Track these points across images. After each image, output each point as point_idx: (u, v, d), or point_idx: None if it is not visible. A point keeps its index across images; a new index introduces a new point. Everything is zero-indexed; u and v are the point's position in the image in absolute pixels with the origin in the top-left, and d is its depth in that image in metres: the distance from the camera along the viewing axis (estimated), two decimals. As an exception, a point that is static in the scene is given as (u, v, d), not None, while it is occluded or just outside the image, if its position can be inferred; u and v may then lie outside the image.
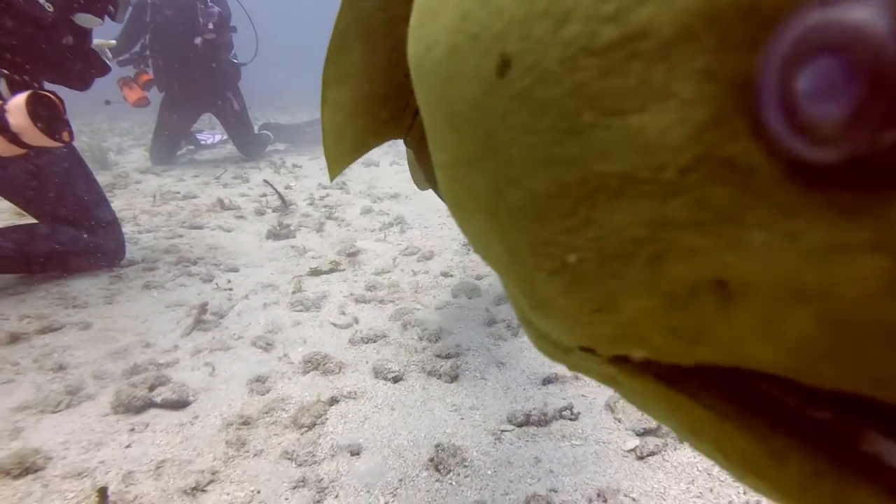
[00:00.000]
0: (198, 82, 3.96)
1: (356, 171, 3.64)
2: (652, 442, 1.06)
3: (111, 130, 5.63)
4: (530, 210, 0.23)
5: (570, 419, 1.16)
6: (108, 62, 1.89)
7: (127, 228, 2.06)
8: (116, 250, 1.93)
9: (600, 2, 0.18)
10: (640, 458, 1.04)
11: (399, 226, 2.48)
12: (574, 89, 0.19)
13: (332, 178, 0.74)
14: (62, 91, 1.63)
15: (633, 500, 0.94)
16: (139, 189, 3.17)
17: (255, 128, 4.38)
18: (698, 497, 0.95)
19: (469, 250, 2.13)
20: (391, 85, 0.60)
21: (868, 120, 0.13)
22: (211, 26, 3.82)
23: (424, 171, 0.73)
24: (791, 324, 0.16)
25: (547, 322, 0.27)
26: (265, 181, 3.17)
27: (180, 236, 2.33)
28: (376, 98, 0.61)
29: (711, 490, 0.96)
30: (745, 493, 0.94)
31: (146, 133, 5.02)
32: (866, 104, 0.12)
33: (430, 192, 0.70)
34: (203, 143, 4.54)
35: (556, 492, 0.95)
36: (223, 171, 3.64)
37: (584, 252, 0.21)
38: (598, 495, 0.94)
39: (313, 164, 4.03)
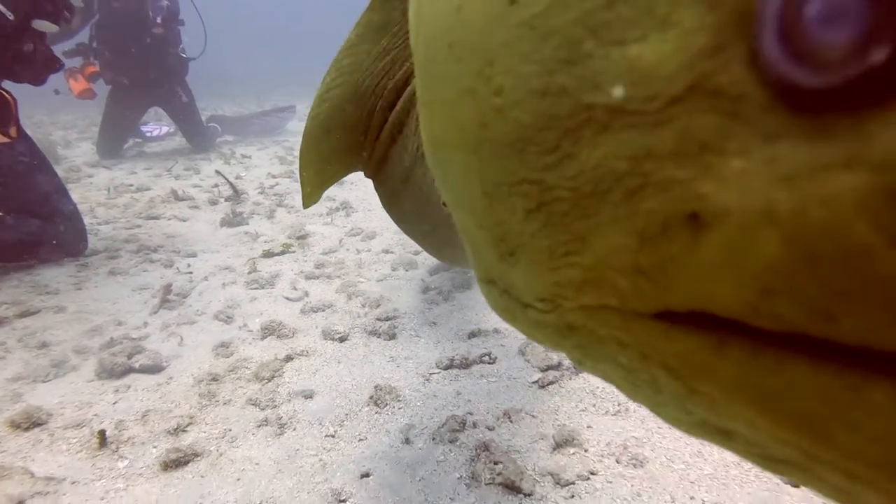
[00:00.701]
0: (145, 76, 3.99)
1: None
2: (552, 374, 1.32)
3: (54, 123, 5.60)
4: (513, 145, 0.23)
5: (489, 363, 1.40)
6: (58, 56, 2.01)
7: (85, 221, 2.18)
8: (79, 240, 2.08)
9: None
10: (542, 387, 1.29)
11: (345, 210, 2.68)
12: (579, 18, 0.20)
13: (306, 202, 0.86)
14: (16, 88, 1.77)
15: (533, 416, 1.19)
16: (92, 182, 3.27)
17: (203, 119, 4.46)
18: (583, 411, 1.20)
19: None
20: (367, 97, 0.74)
21: (879, 42, 0.13)
22: (159, 20, 3.86)
23: (380, 196, 0.88)
24: (758, 248, 0.16)
25: (514, 271, 0.26)
26: (217, 172, 3.29)
27: (138, 226, 2.48)
28: (359, 95, 0.74)
29: (594, 405, 1.22)
30: (619, 404, 1.21)
31: (91, 126, 5.03)
32: (878, 27, 0.13)
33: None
34: (149, 135, 4.57)
35: (471, 414, 1.20)
36: (174, 164, 3.75)
37: (561, 190, 0.21)
38: (505, 414, 1.19)
39: (262, 155, 4.16)
